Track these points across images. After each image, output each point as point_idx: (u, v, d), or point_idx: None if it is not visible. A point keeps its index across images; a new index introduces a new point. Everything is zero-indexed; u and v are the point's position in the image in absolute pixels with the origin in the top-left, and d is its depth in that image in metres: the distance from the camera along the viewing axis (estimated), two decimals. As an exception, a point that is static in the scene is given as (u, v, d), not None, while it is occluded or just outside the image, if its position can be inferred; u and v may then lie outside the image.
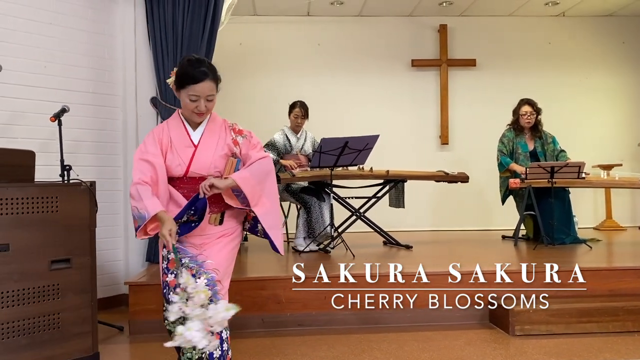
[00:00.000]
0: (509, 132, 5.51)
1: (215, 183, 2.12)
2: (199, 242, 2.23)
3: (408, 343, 3.27)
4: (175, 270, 2.06)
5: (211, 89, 2.20)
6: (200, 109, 2.19)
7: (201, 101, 2.18)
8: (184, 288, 1.91)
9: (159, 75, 4.29)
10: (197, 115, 2.22)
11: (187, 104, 2.20)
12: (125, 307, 3.90)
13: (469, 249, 5.21)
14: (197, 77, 2.17)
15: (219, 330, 2.00)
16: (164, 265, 2.16)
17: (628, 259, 4.52)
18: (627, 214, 7.11)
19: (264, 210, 2.23)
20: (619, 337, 3.33)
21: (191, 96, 2.18)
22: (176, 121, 2.29)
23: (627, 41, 7.27)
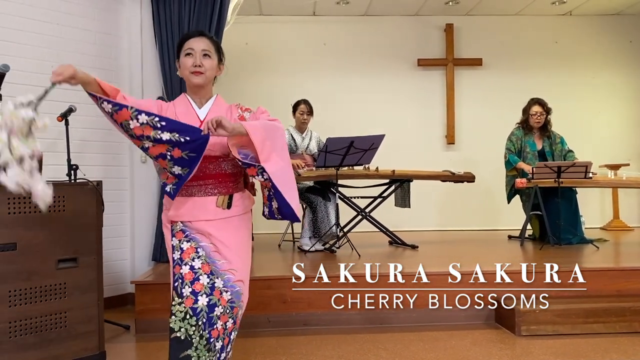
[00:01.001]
0: (517, 131, 5.49)
1: (224, 122, 1.86)
2: (207, 229, 2.01)
3: (414, 343, 3.27)
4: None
5: (207, 45, 2.06)
6: (196, 63, 2.03)
7: (197, 56, 2.04)
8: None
9: (165, 75, 4.31)
10: (194, 75, 2.04)
11: (184, 63, 2.06)
12: (132, 306, 3.91)
13: (475, 249, 5.19)
14: (191, 34, 2.10)
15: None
16: (177, 257, 1.97)
17: (635, 259, 4.49)
18: (635, 214, 7.07)
19: (276, 167, 1.96)
20: (625, 337, 3.32)
21: (186, 51, 2.05)
22: (181, 99, 2.13)
23: (635, 40, 7.22)
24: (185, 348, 1.90)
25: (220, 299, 1.96)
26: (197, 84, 2.07)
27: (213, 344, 1.94)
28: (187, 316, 1.91)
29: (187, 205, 2.02)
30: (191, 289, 1.92)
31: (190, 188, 2.03)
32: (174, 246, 2.00)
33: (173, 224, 2.04)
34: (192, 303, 1.91)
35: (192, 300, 1.91)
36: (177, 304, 1.92)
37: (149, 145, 1.90)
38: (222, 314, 1.96)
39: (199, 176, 2.01)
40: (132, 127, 1.88)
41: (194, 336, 1.91)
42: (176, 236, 2.00)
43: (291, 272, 3.92)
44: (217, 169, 2.05)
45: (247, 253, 2.11)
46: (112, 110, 1.91)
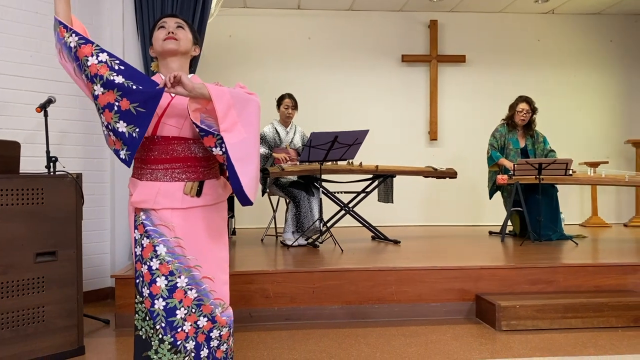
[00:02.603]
0: (502, 128, 5.54)
1: (184, 79, 1.70)
2: (172, 219, 1.83)
3: (395, 337, 3.28)
4: None
5: (178, 20, 1.97)
6: (170, 30, 1.91)
7: (170, 26, 1.93)
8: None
9: (148, 67, 4.24)
10: (169, 40, 1.90)
11: (157, 36, 1.93)
12: (112, 300, 3.88)
13: (456, 245, 5.24)
14: (163, 15, 2.03)
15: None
16: (138, 252, 1.83)
17: (613, 255, 4.57)
18: (613, 211, 7.20)
19: (237, 139, 1.75)
20: (603, 332, 3.38)
21: (159, 25, 1.95)
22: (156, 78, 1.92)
23: (615, 39, 7.33)
24: (146, 348, 1.84)
25: (184, 300, 1.83)
26: (170, 49, 1.90)
27: (182, 345, 1.83)
28: (147, 317, 1.83)
29: (151, 191, 1.83)
30: (149, 291, 1.81)
31: (156, 172, 1.85)
32: (136, 239, 1.85)
33: (136, 214, 1.86)
34: (150, 305, 1.82)
35: (149, 303, 1.82)
36: (138, 303, 1.85)
37: (99, 92, 1.74)
38: (188, 314, 1.84)
39: (166, 159, 1.85)
40: (89, 65, 1.75)
41: (153, 339, 1.83)
42: (138, 229, 1.85)
43: (274, 267, 3.92)
44: (185, 152, 1.86)
45: (218, 247, 1.93)
46: (77, 44, 1.80)
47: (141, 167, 1.88)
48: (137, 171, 1.90)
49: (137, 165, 1.90)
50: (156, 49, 1.96)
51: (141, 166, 1.88)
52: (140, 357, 1.85)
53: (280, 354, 3.01)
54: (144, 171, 1.87)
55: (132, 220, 1.89)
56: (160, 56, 1.96)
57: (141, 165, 1.88)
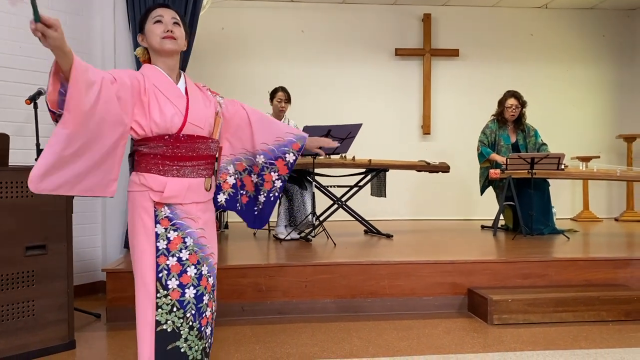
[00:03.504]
0: (492, 124, 5.54)
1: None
2: (196, 214, 1.94)
3: (387, 331, 3.29)
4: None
5: (174, 15, 1.95)
6: (168, 28, 1.90)
7: (167, 23, 1.92)
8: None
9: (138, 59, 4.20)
10: (167, 40, 1.90)
11: (153, 30, 1.92)
12: (103, 294, 3.85)
13: (448, 239, 5.25)
14: (156, 5, 1.99)
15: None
16: (162, 246, 1.86)
17: (604, 249, 4.59)
18: (604, 205, 7.23)
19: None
20: (594, 326, 3.40)
21: (154, 18, 1.92)
22: (153, 70, 1.93)
23: (608, 34, 7.35)
24: (172, 340, 1.85)
25: (207, 286, 1.92)
26: (170, 50, 1.92)
27: (204, 331, 1.92)
28: (174, 309, 1.85)
29: (181, 187, 1.90)
30: (178, 282, 1.86)
31: (184, 168, 1.91)
32: (158, 234, 1.86)
33: (157, 209, 1.88)
34: (179, 296, 1.85)
35: (179, 293, 1.85)
36: (162, 297, 1.84)
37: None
38: (209, 300, 1.93)
39: (192, 156, 1.92)
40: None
41: (182, 328, 1.86)
42: (161, 223, 1.87)
43: (266, 261, 3.91)
44: (206, 150, 1.97)
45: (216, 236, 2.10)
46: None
47: (164, 164, 1.89)
48: (156, 167, 1.89)
49: (158, 161, 1.89)
50: (152, 45, 1.95)
51: (164, 162, 1.89)
52: (164, 351, 1.84)
53: (273, 347, 3.01)
54: (169, 168, 1.89)
55: (150, 216, 1.88)
56: (157, 53, 1.96)
57: (164, 162, 1.89)
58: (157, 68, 1.95)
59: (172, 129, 1.87)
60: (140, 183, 1.90)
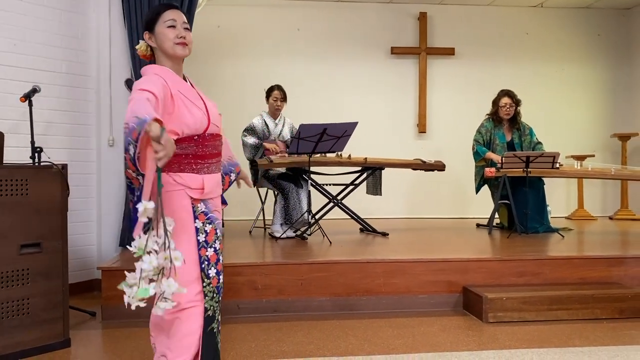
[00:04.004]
0: (487, 123, 5.55)
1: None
2: (218, 205, 2.10)
3: (383, 329, 3.30)
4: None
5: (184, 20, 2.03)
6: (181, 34, 1.99)
7: (179, 27, 2.00)
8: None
9: (134, 56, 4.19)
10: (180, 46, 1.99)
11: (166, 34, 1.98)
12: (98, 292, 3.84)
13: (444, 237, 5.26)
14: (167, 5, 2.04)
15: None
16: (202, 239, 1.99)
17: (598, 248, 4.62)
18: (598, 204, 7.27)
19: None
20: (588, 324, 3.42)
21: (167, 22, 1.98)
22: (171, 75, 1.99)
23: (603, 34, 7.37)
24: (211, 322, 2.02)
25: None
26: (182, 56, 2.02)
27: None
28: (214, 295, 2.02)
29: (213, 182, 2.04)
30: (216, 270, 2.03)
31: (211, 165, 2.03)
32: (197, 228, 1.99)
33: (194, 205, 1.98)
34: (217, 282, 2.03)
35: (216, 280, 2.03)
36: (206, 285, 2.00)
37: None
38: None
39: (214, 153, 2.05)
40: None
41: (217, 310, 2.05)
42: (199, 218, 1.99)
43: (262, 259, 3.91)
44: (220, 146, 2.10)
45: None
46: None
47: (196, 163, 1.98)
48: (189, 166, 1.97)
49: (190, 161, 1.97)
50: (164, 48, 2.00)
51: (196, 162, 1.98)
52: (206, 332, 2.01)
53: (268, 345, 3.01)
54: (200, 166, 2.00)
55: (190, 213, 1.97)
56: (168, 56, 2.02)
57: (196, 160, 1.98)
58: (171, 72, 2.01)
59: (200, 129, 1.98)
60: (176, 182, 1.96)
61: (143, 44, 2.06)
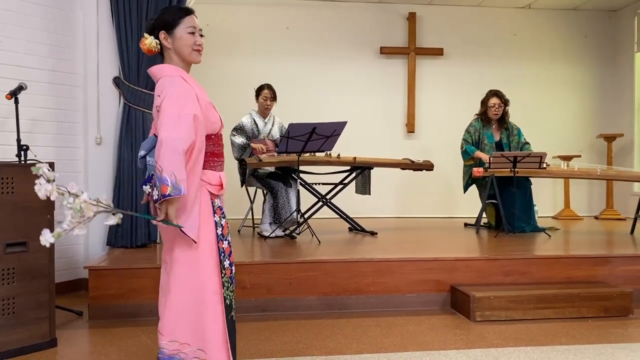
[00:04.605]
0: (476, 122, 5.58)
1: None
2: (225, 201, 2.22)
3: (371, 328, 3.31)
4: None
5: (199, 26, 2.13)
6: (199, 42, 2.10)
7: (197, 34, 2.10)
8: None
9: (122, 54, 4.16)
10: (198, 53, 2.10)
11: (186, 39, 2.07)
12: (85, 291, 3.81)
13: (432, 236, 5.29)
14: (189, 9, 2.13)
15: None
16: (220, 232, 2.10)
17: (584, 247, 4.66)
18: (584, 204, 7.34)
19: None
20: (574, 322, 3.45)
21: (189, 28, 2.08)
22: (190, 78, 2.10)
23: (589, 35, 7.44)
24: (230, 311, 2.11)
25: None
26: (197, 62, 2.13)
27: None
28: (229, 284, 2.12)
29: (224, 180, 2.13)
30: (229, 261, 2.13)
31: (222, 164, 2.14)
32: (216, 222, 2.09)
33: (213, 200, 2.08)
34: (230, 273, 2.13)
35: (230, 271, 2.13)
36: (224, 276, 2.10)
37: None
38: None
39: (221, 152, 2.14)
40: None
41: (232, 299, 2.14)
42: (217, 213, 2.09)
43: (250, 258, 3.90)
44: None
45: None
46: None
47: (213, 161, 2.09)
48: (209, 164, 2.07)
49: (209, 159, 2.07)
50: (182, 52, 2.08)
51: (213, 159, 2.09)
52: (228, 321, 2.09)
53: (257, 344, 3.01)
54: (215, 164, 2.10)
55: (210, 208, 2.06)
56: (183, 60, 2.11)
57: (213, 158, 2.09)
58: (189, 75, 2.11)
59: (217, 129, 2.10)
60: (200, 180, 2.02)
61: (153, 40, 2.08)
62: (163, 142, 1.85)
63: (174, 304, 2.03)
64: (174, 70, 2.07)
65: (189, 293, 2.03)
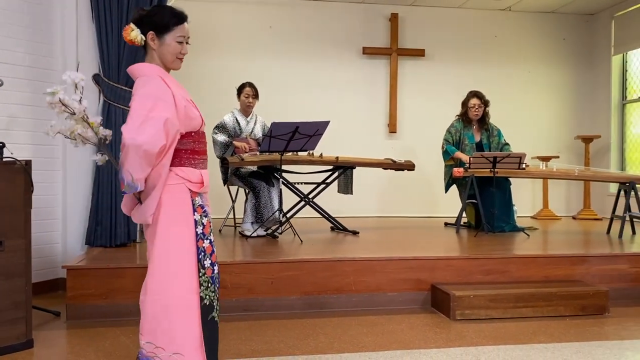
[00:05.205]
0: (457, 123, 5.63)
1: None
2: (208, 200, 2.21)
3: (352, 327, 3.31)
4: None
5: (189, 32, 2.14)
6: (184, 51, 2.12)
7: (185, 44, 2.11)
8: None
9: (102, 51, 4.11)
10: (179, 61, 2.13)
11: (173, 47, 2.09)
12: (63, 291, 3.76)
13: (413, 236, 5.32)
14: (184, 16, 2.12)
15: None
16: (200, 231, 2.08)
17: (562, 247, 4.74)
18: (562, 204, 7.45)
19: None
20: (552, 321, 3.50)
21: (179, 37, 2.09)
22: (169, 76, 2.11)
23: (568, 38, 7.56)
24: (210, 311, 2.09)
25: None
26: (177, 69, 2.16)
27: None
28: (209, 284, 2.09)
29: (207, 177, 2.14)
30: (210, 261, 2.10)
31: (204, 161, 2.16)
32: (196, 221, 2.08)
33: (193, 198, 2.08)
34: (211, 273, 2.10)
35: (211, 270, 2.10)
36: (202, 275, 2.07)
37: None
38: None
39: (205, 150, 2.17)
40: None
41: (214, 299, 2.11)
42: (197, 211, 2.09)
43: (232, 258, 3.88)
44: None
45: None
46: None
47: (194, 158, 2.11)
48: (189, 161, 2.09)
49: (189, 156, 2.09)
50: (165, 58, 2.10)
51: (194, 157, 2.11)
52: (206, 322, 2.07)
53: (238, 344, 2.99)
54: (197, 161, 2.11)
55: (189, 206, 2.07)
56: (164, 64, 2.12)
57: (194, 156, 2.11)
58: (165, 72, 2.12)
59: (197, 126, 2.10)
60: (178, 176, 2.06)
61: (139, 34, 2.08)
62: (126, 144, 1.92)
63: (149, 305, 2.03)
64: (153, 69, 2.07)
65: (162, 293, 2.02)
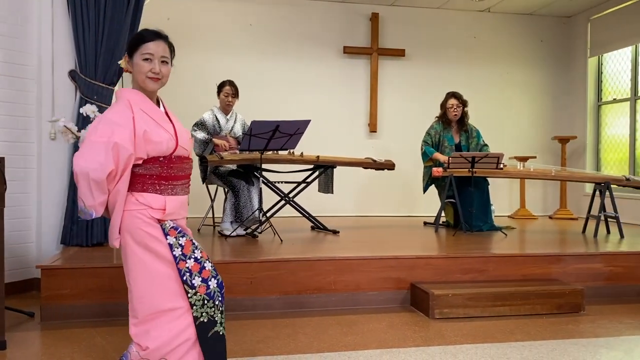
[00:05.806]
0: (437, 125, 5.67)
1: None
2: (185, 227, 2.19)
3: (332, 327, 3.31)
4: None
5: (165, 50, 2.11)
6: (155, 70, 2.07)
7: (155, 62, 2.08)
8: None
9: (79, 46, 4.03)
10: (152, 81, 2.08)
11: (141, 67, 2.07)
12: (37, 292, 3.68)
13: (392, 235, 5.34)
14: (148, 36, 2.10)
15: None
16: (178, 253, 2.06)
17: (539, 246, 4.80)
18: (539, 203, 7.56)
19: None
20: (529, 319, 3.55)
21: (144, 55, 2.07)
22: (139, 96, 2.10)
23: (545, 40, 7.67)
24: (211, 327, 2.08)
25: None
26: (152, 90, 2.11)
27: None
28: (205, 302, 2.06)
29: (176, 204, 2.10)
30: (201, 278, 2.07)
31: (176, 187, 2.11)
32: (171, 244, 2.06)
33: (162, 222, 2.07)
34: (205, 289, 2.07)
35: (204, 287, 2.07)
36: (192, 295, 2.05)
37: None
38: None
39: (182, 175, 2.13)
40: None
41: (216, 314, 2.09)
42: (170, 234, 2.07)
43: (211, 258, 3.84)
44: (189, 169, 2.19)
45: None
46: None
47: (160, 184, 2.07)
48: (153, 187, 2.07)
49: (154, 181, 2.07)
50: (137, 79, 2.10)
51: (160, 182, 2.07)
52: (206, 339, 2.07)
53: (217, 345, 2.96)
54: (164, 187, 2.08)
55: (158, 229, 2.06)
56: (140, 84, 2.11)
57: (160, 181, 2.07)
58: (143, 95, 2.11)
59: (167, 151, 2.06)
60: (138, 202, 2.05)
61: (124, 61, 2.13)
62: (75, 171, 1.96)
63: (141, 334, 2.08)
64: (126, 93, 2.11)
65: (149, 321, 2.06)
